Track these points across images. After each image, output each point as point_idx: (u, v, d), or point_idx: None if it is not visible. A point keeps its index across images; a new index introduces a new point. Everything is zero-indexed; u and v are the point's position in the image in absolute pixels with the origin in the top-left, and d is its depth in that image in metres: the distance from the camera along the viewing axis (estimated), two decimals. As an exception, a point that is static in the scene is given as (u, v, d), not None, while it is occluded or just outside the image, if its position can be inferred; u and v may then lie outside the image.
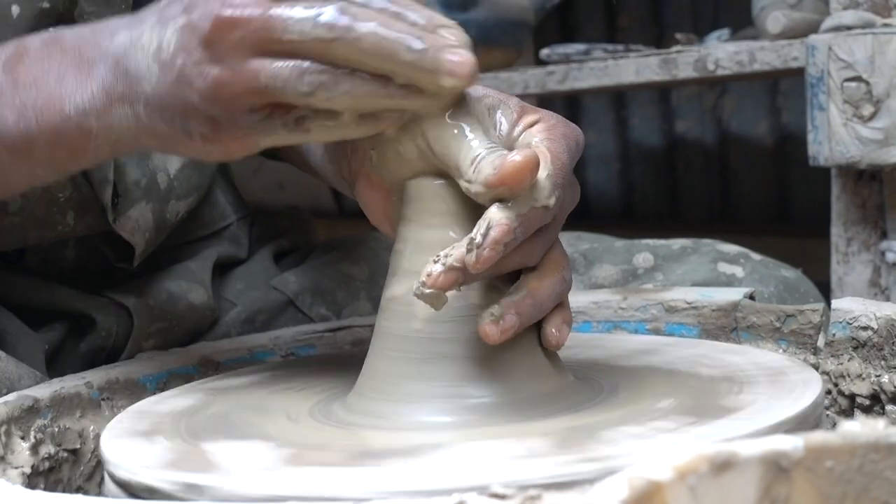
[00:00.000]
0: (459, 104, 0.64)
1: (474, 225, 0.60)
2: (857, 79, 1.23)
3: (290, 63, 0.60)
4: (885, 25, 1.26)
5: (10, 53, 0.71)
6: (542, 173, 0.61)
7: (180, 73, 0.62)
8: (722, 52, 1.59)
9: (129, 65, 0.65)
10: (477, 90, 0.67)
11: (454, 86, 0.60)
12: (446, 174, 0.64)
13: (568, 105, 2.72)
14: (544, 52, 1.89)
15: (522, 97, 2.13)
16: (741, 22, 1.93)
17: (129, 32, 0.66)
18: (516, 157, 0.59)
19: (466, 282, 0.61)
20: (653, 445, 0.54)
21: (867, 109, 1.23)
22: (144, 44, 0.64)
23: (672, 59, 1.66)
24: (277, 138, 0.63)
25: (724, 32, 1.80)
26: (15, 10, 0.80)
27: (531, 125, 0.66)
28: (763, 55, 1.53)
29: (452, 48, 0.60)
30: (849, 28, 1.27)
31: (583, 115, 2.72)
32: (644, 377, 0.68)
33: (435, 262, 0.60)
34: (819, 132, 1.28)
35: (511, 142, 0.65)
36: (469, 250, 0.59)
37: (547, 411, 0.62)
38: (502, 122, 0.66)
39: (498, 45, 1.99)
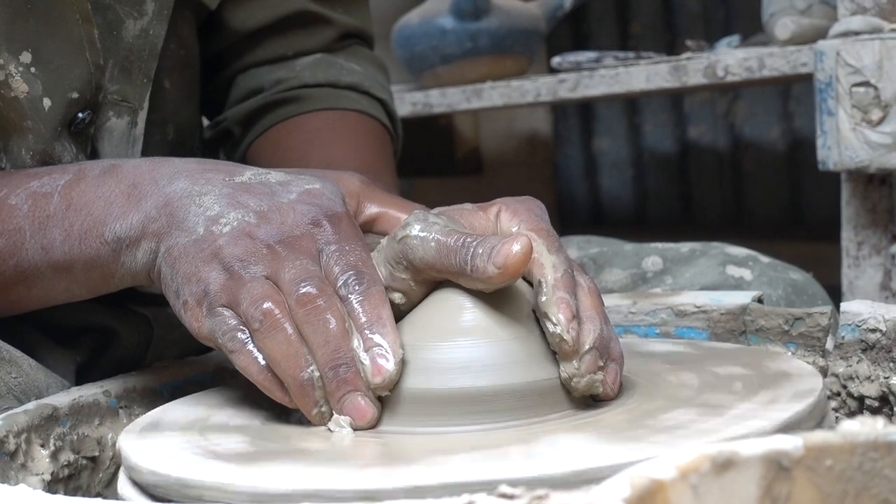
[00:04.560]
0: None
1: None
2: (866, 84, 1.24)
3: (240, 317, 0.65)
4: (893, 31, 1.26)
5: (70, 178, 0.76)
6: (541, 252, 0.65)
7: (215, 252, 0.66)
8: (731, 59, 1.60)
9: (177, 210, 0.69)
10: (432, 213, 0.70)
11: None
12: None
13: (581, 113, 2.73)
14: (556, 60, 1.90)
15: (535, 105, 2.14)
16: (752, 28, 1.94)
17: (191, 184, 0.70)
18: (516, 248, 0.62)
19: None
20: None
21: (875, 114, 1.23)
22: (205, 203, 0.69)
23: (682, 65, 1.66)
24: (217, 343, 0.66)
25: (734, 39, 1.80)
26: (46, 102, 0.83)
27: (497, 216, 0.69)
28: (772, 61, 1.54)
29: (354, 394, 0.64)
30: (857, 33, 1.28)
31: (596, 123, 2.72)
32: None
33: (567, 361, 0.63)
34: (828, 137, 1.28)
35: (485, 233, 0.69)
36: (565, 340, 0.62)
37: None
38: (473, 225, 0.69)
39: (510, 53, 2.00)
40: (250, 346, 0.64)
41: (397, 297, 0.68)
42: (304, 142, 1.01)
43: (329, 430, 0.64)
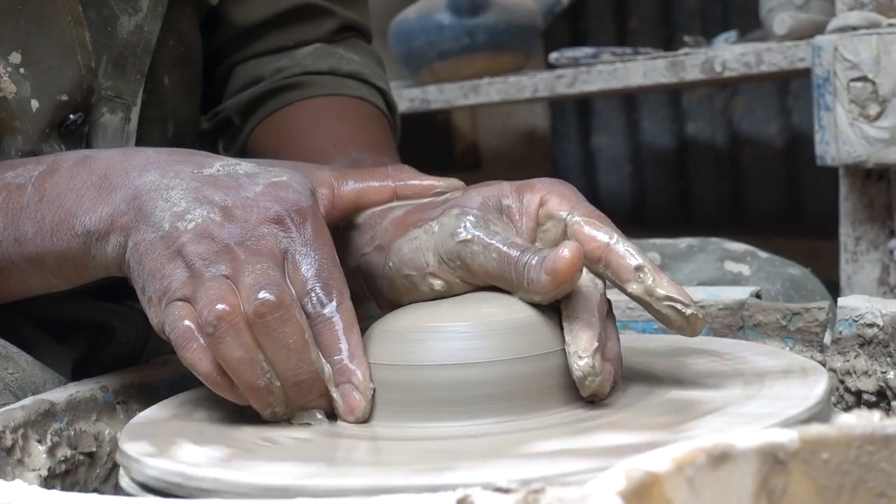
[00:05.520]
0: None
1: None
2: (863, 79, 1.24)
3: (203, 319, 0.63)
4: (891, 25, 1.26)
5: (44, 169, 0.75)
6: (616, 238, 0.65)
7: (179, 250, 0.65)
8: (729, 54, 1.60)
9: (145, 204, 0.68)
10: (473, 197, 0.70)
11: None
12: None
13: (579, 109, 2.73)
14: (553, 55, 1.90)
15: (532, 101, 2.14)
16: (749, 24, 1.94)
17: (161, 176, 0.69)
18: (564, 254, 0.61)
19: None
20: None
21: (873, 109, 1.23)
22: (172, 198, 0.67)
23: (679, 61, 1.66)
24: (165, 336, 0.65)
25: (732, 34, 1.80)
26: (34, 104, 0.83)
27: (541, 204, 0.69)
28: (770, 56, 1.54)
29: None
30: (854, 28, 1.28)
31: (594, 119, 2.72)
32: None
33: (582, 357, 0.62)
34: (826, 132, 1.28)
35: (532, 231, 0.69)
36: (699, 318, 0.64)
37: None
38: (513, 213, 0.69)
39: (508, 49, 2.00)
40: (198, 342, 0.63)
41: (438, 285, 0.69)
42: (309, 123, 1.01)
43: (309, 423, 0.64)
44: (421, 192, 0.76)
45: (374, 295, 0.76)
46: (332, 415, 0.65)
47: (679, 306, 0.63)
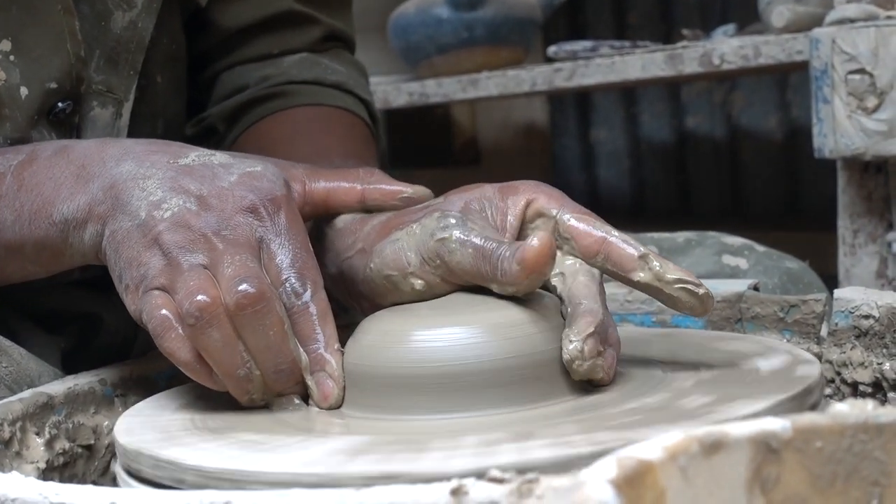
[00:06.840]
0: None
1: None
2: (861, 71, 1.24)
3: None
4: (888, 18, 1.26)
5: (23, 158, 0.75)
6: (610, 232, 0.66)
7: (155, 238, 0.66)
8: (727, 47, 1.60)
9: (122, 193, 0.69)
10: (454, 202, 0.71)
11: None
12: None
13: (578, 103, 2.73)
14: (552, 49, 1.90)
15: (531, 95, 2.14)
16: (748, 17, 1.94)
17: (137, 166, 0.70)
18: (534, 243, 0.62)
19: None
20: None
21: (871, 101, 1.23)
22: (148, 187, 0.68)
23: (678, 54, 1.66)
24: (143, 325, 0.66)
25: (731, 27, 1.80)
26: (23, 91, 0.83)
27: (528, 204, 0.70)
28: (768, 49, 1.54)
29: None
30: (852, 21, 1.28)
31: (593, 113, 2.72)
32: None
33: (572, 341, 0.62)
34: (824, 125, 1.28)
35: (517, 230, 0.69)
36: (710, 295, 0.64)
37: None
38: (497, 214, 0.70)
39: (506, 43, 2.00)
40: (177, 331, 0.64)
41: (419, 285, 0.69)
42: (291, 133, 1.02)
43: (286, 409, 0.66)
44: (388, 196, 0.76)
45: (356, 300, 0.76)
46: (305, 399, 0.67)
47: (691, 287, 0.63)
